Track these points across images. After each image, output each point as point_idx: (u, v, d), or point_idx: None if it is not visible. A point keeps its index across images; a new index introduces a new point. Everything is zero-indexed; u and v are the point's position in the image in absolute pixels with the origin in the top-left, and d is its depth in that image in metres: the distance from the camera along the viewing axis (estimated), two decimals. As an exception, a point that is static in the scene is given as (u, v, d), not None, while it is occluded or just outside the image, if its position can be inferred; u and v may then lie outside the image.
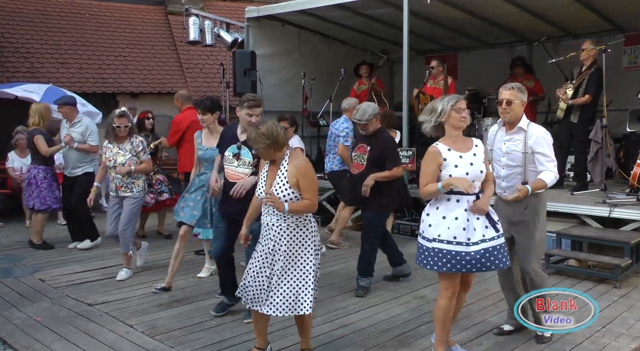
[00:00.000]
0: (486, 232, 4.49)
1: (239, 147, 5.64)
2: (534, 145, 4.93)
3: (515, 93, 4.92)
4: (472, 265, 4.46)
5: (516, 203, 5.01)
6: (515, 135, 5.01)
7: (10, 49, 14.81)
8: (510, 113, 4.94)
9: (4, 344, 5.37)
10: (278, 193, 4.47)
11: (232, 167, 5.67)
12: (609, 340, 5.21)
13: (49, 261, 8.13)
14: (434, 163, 4.54)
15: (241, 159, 5.66)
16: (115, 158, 7.15)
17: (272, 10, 11.86)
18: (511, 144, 5.03)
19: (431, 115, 4.63)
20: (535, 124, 5.10)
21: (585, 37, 11.02)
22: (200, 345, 5.20)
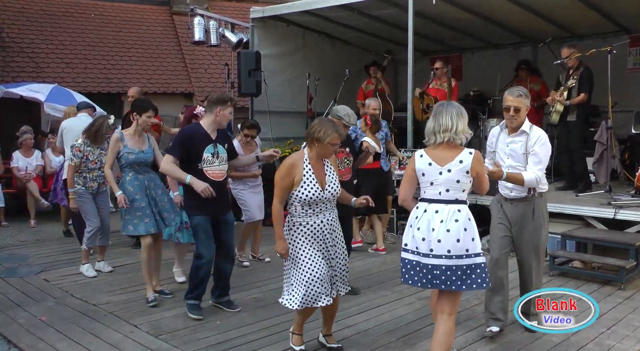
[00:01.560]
0: (455, 248, 4.16)
1: (215, 145, 5.78)
2: (535, 145, 5.06)
3: (523, 101, 5.06)
4: (428, 280, 4.25)
5: (524, 205, 5.15)
6: (518, 137, 5.15)
7: (15, 48, 14.84)
8: (517, 119, 5.08)
9: (9, 343, 5.38)
10: (337, 187, 4.80)
11: (214, 166, 5.77)
12: (614, 341, 5.20)
13: (53, 261, 8.14)
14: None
15: (220, 156, 5.82)
16: (100, 159, 7.32)
17: (277, 10, 11.86)
18: (514, 146, 5.17)
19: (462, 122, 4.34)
20: (537, 127, 5.22)
21: (590, 38, 11.06)
22: (205, 344, 5.21)
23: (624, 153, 10.03)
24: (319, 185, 4.67)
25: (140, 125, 6.46)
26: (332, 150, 4.78)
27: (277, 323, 5.69)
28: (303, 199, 4.64)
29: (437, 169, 4.27)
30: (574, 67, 8.79)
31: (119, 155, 6.40)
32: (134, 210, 6.36)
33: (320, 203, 4.70)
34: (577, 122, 8.89)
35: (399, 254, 7.98)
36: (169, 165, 5.71)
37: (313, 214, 4.71)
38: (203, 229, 5.81)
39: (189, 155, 5.71)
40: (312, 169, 4.70)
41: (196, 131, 5.80)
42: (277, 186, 4.68)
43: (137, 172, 6.46)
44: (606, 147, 8.68)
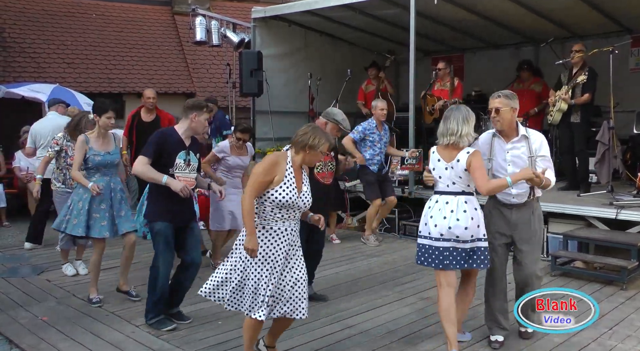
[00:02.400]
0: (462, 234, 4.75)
1: (188, 153, 5.63)
2: (540, 148, 5.02)
3: (503, 101, 4.99)
4: (440, 261, 4.82)
5: (523, 209, 5.09)
6: (518, 143, 5.05)
7: (16, 49, 14.85)
8: (500, 121, 5.00)
9: (10, 343, 5.39)
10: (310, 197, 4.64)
11: (185, 173, 5.59)
12: (616, 342, 5.20)
13: (55, 260, 8.13)
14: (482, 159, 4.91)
15: (191, 165, 5.66)
16: None
17: (279, 10, 11.86)
18: (515, 152, 5.05)
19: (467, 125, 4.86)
20: (533, 130, 5.20)
21: (592, 38, 11.03)
22: (206, 344, 5.21)
23: (625, 154, 10.02)
24: (297, 190, 4.52)
25: (102, 126, 6.33)
26: (319, 159, 4.79)
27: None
28: (278, 201, 4.44)
29: (443, 165, 4.88)
30: (578, 66, 8.78)
31: (85, 158, 6.27)
32: (94, 212, 6.26)
33: (291, 209, 4.52)
34: (580, 124, 8.88)
35: (399, 255, 8.08)
36: (142, 166, 5.45)
37: (280, 219, 4.51)
38: (164, 237, 5.57)
39: (161, 158, 5.50)
40: (293, 173, 4.55)
41: (171, 135, 5.62)
42: (255, 179, 4.45)
43: (104, 174, 6.37)
44: (608, 147, 8.68)
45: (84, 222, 6.18)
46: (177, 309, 5.88)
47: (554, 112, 8.96)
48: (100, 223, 6.25)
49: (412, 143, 9.49)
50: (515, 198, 5.06)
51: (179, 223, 5.65)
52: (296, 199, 4.48)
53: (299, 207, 4.55)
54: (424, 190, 9.57)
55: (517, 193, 5.03)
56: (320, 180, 6.31)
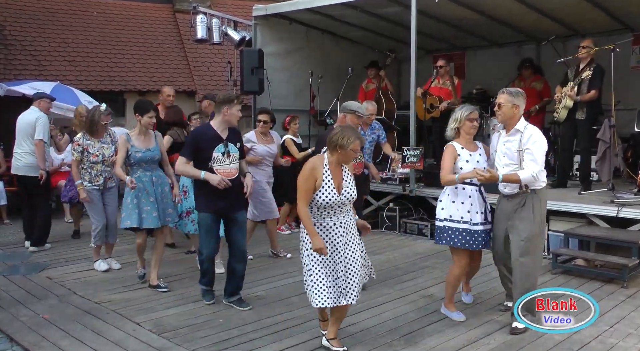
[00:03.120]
0: (481, 218, 5.59)
1: (226, 145, 5.97)
2: (527, 142, 5.32)
3: (506, 97, 5.42)
4: (473, 241, 5.58)
5: (515, 199, 5.44)
6: (512, 136, 5.44)
7: (17, 46, 14.83)
8: (501, 114, 5.48)
9: (12, 341, 5.39)
10: (353, 192, 4.93)
11: (224, 165, 5.95)
12: (617, 339, 5.20)
13: (55, 259, 8.15)
14: (452, 156, 5.57)
15: (231, 155, 6.00)
16: (101, 152, 7.47)
17: (280, 8, 11.84)
18: (509, 144, 5.46)
19: (453, 123, 5.64)
20: (532, 126, 5.49)
21: (593, 36, 10.98)
22: (207, 342, 5.21)
23: (626, 152, 10.02)
24: (336, 191, 4.80)
25: (143, 124, 6.75)
26: (353, 156, 4.92)
27: (279, 321, 5.69)
28: (320, 203, 4.78)
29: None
30: (585, 62, 8.75)
31: (127, 155, 6.66)
32: (145, 204, 6.67)
33: (336, 206, 4.84)
34: (586, 121, 8.85)
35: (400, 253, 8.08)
36: (182, 166, 5.95)
37: (327, 216, 4.84)
38: (206, 227, 6.03)
39: (198, 155, 5.92)
40: (331, 174, 4.82)
41: (205, 132, 6.01)
42: (301, 189, 4.79)
43: (145, 169, 6.76)
44: (609, 145, 8.67)
45: (136, 215, 6.63)
46: (239, 296, 6.24)
47: (559, 108, 8.93)
48: (152, 214, 6.70)
49: (412, 142, 9.48)
50: (507, 189, 5.50)
51: (222, 213, 6.08)
52: (336, 199, 4.80)
53: (343, 204, 4.88)
54: (424, 188, 9.57)
55: (506, 183, 5.43)
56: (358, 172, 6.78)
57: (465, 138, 5.66)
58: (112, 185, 7.65)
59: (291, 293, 6.56)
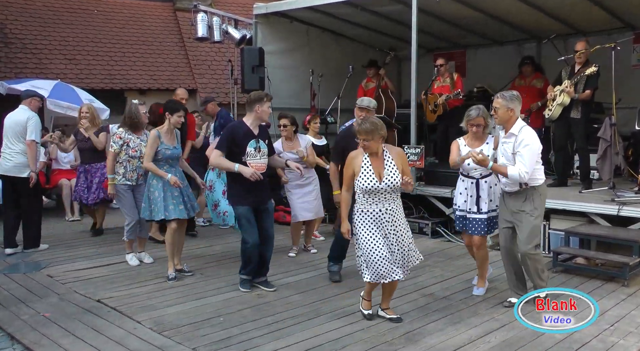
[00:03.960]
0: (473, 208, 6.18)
1: (257, 141, 6.46)
2: (520, 145, 5.67)
3: (501, 102, 5.77)
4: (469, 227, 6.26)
5: (517, 196, 5.83)
6: (508, 139, 5.81)
7: (18, 45, 14.85)
8: (497, 118, 5.84)
9: (12, 340, 5.40)
10: (394, 180, 5.32)
11: (255, 159, 6.43)
12: (617, 338, 5.19)
13: (56, 257, 8.15)
14: (456, 149, 6.24)
15: (261, 151, 6.49)
16: (140, 148, 7.69)
17: (281, 7, 11.83)
18: (506, 146, 5.84)
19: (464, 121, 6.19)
20: (527, 129, 5.79)
21: (594, 34, 10.99)
22: (208, 340, 5.21)
23: (627, 150, 10.02)
24: (376, 177, 5.30)
25: (173, 123, 7.10)
26: (359, 145, 5.42)
27: (280, 319, 5.70)
28: (362, 188, 5.31)
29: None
30: (581, 63, 8.76)
31: (156, 151, 6.96)
32: (170, 197, 6.98)
33: (379, 193, 5.33)
34: (581, 120, 8.86)
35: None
36: (217, 158, 6.40)
37: (373, 202, 5.36)
38: (246, 219, 6.46)
39: (234, 149, 6.36)
40: (371, 162, 5.36)
41: (240, 127, 6.49)
42: (344, 177, 5.53)
43: (171, 165, 7.11)
44: (610, 143, 8.67)
45: (162, 207, 6.95)
46: (264, 278, 6.81)
47: (553, 106, 8.91)
48: (179, 207, 7.04)
49: (413, 140, 9.48)
50: (507, 187, 5.88)
51: (256, 204, 6.52)
52: (376, 184, 5.30)
53: (385, 190, 5.34)
54: (425, 187, 9.57)
55: (506, 182, 5.84)
56: None
57: (470, 135, 6.23)
58: (142, 181, 7.73)
59: (292, 291, 6.56)
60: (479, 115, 6.06)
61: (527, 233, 5.77)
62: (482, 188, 6.14)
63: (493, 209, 6.17)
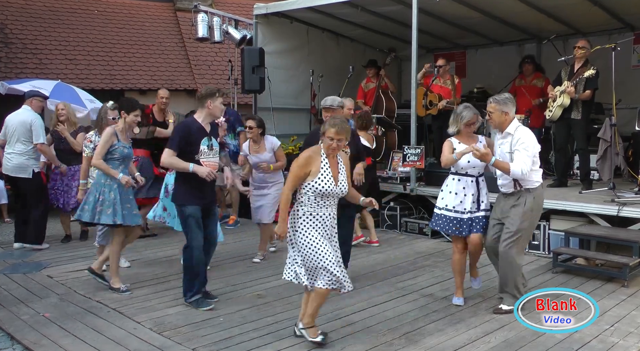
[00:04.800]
0: (472, 206, 5.97)
1: (210, 138, 6.12)
2: (516, 144, 5.71)
3: (494, 106, 5.81)
4: (463, 228, 5.98)
5: (511, 197, 5.83)
6: (505, 139, 5.87)
7: (18, 45, 14.84)
8: (492, 122, 5.94)
9: (12, 340, 5.40)
10: (346, 185, 5.10)
11: (209, 158, 6.08)
12: (617, 338, 5.20)
13: (56, 257, 8.15)
14: (449, 148, 5.98)
15: (214, 149, 6.15)
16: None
17: (281, 7, 11.84)
18: (503, 146, 5.87)
19: (454, 126, 6.01)
20: (523, 128, 5.85)
21: (594, 35, 11.01)
22: (208, 341, 5.21)
23: (627, 151, 10.03)
24: (334, 180, 4.98)
25: (128, 123, 6.71)
26: (329, 144, 4.99)
27: (279, 319, 5.70)
28: (318, 190, 4.93)
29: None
30: (580, 62, 8.76)
31: (111, 149, 6.53)
32: (124, 202, 6.55)
33: (331, 197, 5.01)
34: (581, 120, 8.86)
35: (401, 252, 8.11)
36: (170, 158, 5.92)
37: (322, 206, 5.00)
38: (195, 219, 6.05)
39: (187, 147, 5.96)
40: (329, 163, 5.02)
41: (193, 124, 6.07)
42: (292, 174, 4.98)
43: (125, 166, 6.72)
44: (610, 144, 8.67)
45: (120, 211, 6.47)
46: (204, 289, 6.29)
47: (554, 107, 8.92)
48: (133, 212, 6.63)
49: (413, 140, 9.48)
50: (503, 188, 5.91)
51: (206, 205, 6.18)
52: (333, 187, 4.98)
53: (337, 195, 5.05)
54: (425, 187, 9.57)
55: (502, 183, 5.89)
56: None
57: (463, 135, 6.04)
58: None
59: (291, 292, 6.55)
60: (474, 113, 5.98)
61: (510, 234, 5.73)
62: (482, 186, 6.03)
63: (488, 209, 6.09)
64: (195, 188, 6.00)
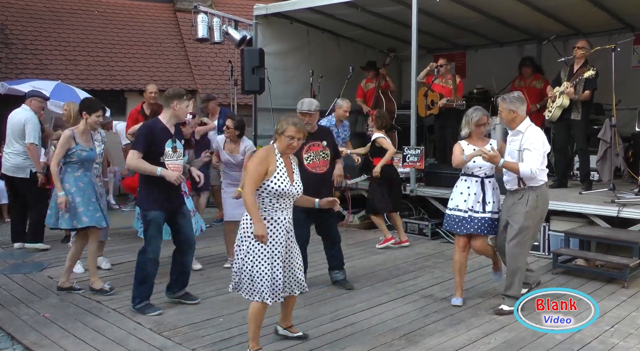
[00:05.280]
0: (476, 206, 6.01)
1: (174, 140, 5.94)
2: (525, 142, 5.77)
3: (503, 104, 5.91)
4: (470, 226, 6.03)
5: (514, 194, 5.89)
6: (515, 136, 5.93)
7: (19, 45, 14.84)
8: (502, 120, 6.13)
9: (13, 340, 5.40)
10: (301, 186, 4.97)
11: (172, 160, 5.90)
12: (618, 339, 5.20)
13: (57, 258, 8.14)
14: (459, 150, 6.08)
15: (177, 151, 5.98)
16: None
17: (281, 7, 11.83)
18: (512, 144, 5.95)
19: (466, 128, 6.11)
20: (534, 127, 5.89)
21: (595, 35, 11.00)
22: (208, 341, 5.21)
23: (627, 151, 10.02)
24: (290, 179, 4.84)
25: (90, 124, 6.63)
26: (288, 143, 4.85)
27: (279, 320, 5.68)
28: (275, 190, 4.73)
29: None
30: (580, 63, 8.76)
31: (69, 152, 6.45)
32: (86, 204, 6.47)
33: (287, 198, 4.83)
34: (581, 121, 8.86)
35: (401, 252, 8.11)
36: (136, 160, 5.72)
37: (279, 209, 4.81)
38: (157, 225, 5.93)
39: (153, 148, 5.78)
40: (284, 163, 4.87)
41: (156, 124, 5.91)
42: (252, 173, 4.71)
43: (86, 169, 6.65)
44: (610, 145, 8.67)
45: (80, 215, 6.42)
46: (185, 290, 6.30)
47: (553, 107, 8.92)
48: (96, 214, 6.52)
49: (413, 141, 9.47)
50: (508, 184, 5.96)
51: (173, 208, 6.03)
52: (289, 187, 4.80)
53: (293, 195, 4.87)
54: (425, 188, 9.57)
55: (507, 179, 5.95)
56: (310, 170, 6.54)
57: (474, 137, 6.15)
58: (99, 183, 7.56)
59: (292, 292, 6.56)
60: (484, 114, 6.09)
61: (514, 232, 5.79)
62: (487, 187, 6.04)
63: (495, 211, 6.06)
64: (162, 192, 5.84)
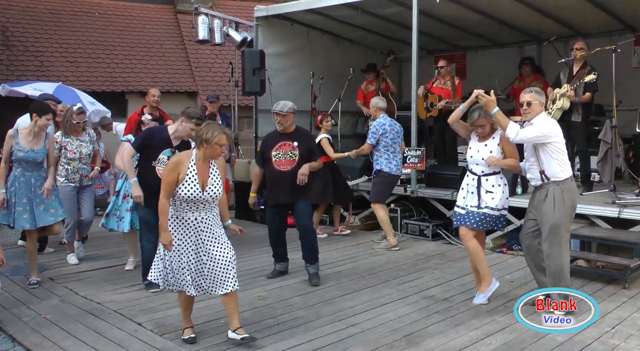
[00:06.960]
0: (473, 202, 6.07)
1: (174, 151, 6.24)
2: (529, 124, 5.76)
3: (534, 95, 5.75)
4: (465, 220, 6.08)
5: (539, 191, 5.82)
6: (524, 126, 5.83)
7: (20, 47, 14.87)
8: (530, 113, 5.76)
9: (14, 341, 5.40)
10: (217, 190, 5.07)
11: (163, 168, 5.94)
12: (618, 341, 5.19)
13: (58, 259, 8.15)
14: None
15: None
16: (80, 150, 7.82)
17: (281, 9, 11.85)
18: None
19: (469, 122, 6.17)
20: (542, 116, 5.82)
21: (595, 36, 11.00)
22: (209, 343, 5.21)
23: (628, 152, 10.02)
24: (200, 186, 4.98)
25: (39, 126, 6.78)
26: (219, 151, 5.04)
27: (280, 321, 5.70)
28: (183, 196, 4.95)
29: None
30: (579, 64, 8.75)
31: (12, 151, 6.73)
32: (14, 205, 6.73)
33: (199, 202, 5.02)
34: (581, 123, 8.85)
35: (402, 253, 8.11)
36: (127, 157, 6.37)
37: (189, 210, 5.02)
38: (145, 222, 6.48)
39: (147, 151, 6.30)
40: (197, 170, 5.00)
41: (158, 132, 6.38)
42: (163, 181, 5.00)
43: (25, 170, 6.80)
44: (610, 145, 8.67)
45: (29, 214, 6.76)
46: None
47: (553, 109, 8.90)
48: (22, 216, 6.74)
49: (414, 142, 9.48)
50: (532, 181, 5.93)
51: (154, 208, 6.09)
52: (199, 194, 4.97)
53: (204, 200, 5.02)
54: (426, 189, 9.57)
55: (531, 177, 5.90)
56: (276, 167, 6.99)
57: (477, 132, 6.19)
58: (88, 183, 7.95)
59: (292, 293, 6.56)
60: (481, 116, 6.01)
61: (547, 231, 5.69)
62: (482, 185, 6.03)
63: (492, 207, 6.00)
64: (149, 190, 6.22)
